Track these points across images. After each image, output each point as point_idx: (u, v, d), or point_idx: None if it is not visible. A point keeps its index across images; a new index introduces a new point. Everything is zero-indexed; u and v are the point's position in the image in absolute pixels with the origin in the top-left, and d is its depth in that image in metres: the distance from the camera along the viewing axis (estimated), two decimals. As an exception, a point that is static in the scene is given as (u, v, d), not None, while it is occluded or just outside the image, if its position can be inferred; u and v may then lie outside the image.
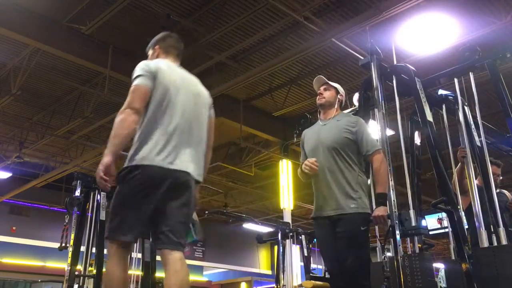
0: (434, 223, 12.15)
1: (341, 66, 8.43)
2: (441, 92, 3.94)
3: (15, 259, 13.33)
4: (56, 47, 7.43)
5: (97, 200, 5.40)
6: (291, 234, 6.66)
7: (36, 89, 9.32)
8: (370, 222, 2.85)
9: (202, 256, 17.20)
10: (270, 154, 11.32)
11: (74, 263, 5.13)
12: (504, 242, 3.09)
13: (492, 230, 3.21)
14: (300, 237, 6.63)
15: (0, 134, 11.38)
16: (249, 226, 14.86)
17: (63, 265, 5.68)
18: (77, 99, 9.65)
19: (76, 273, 5.21)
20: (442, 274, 5.51)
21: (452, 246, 3.90)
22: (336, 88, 3.22)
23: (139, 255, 5.41)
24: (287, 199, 10.04)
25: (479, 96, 3.57)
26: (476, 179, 3.67)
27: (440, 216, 11.99)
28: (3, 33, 7.03)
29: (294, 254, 7.20)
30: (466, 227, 3.41)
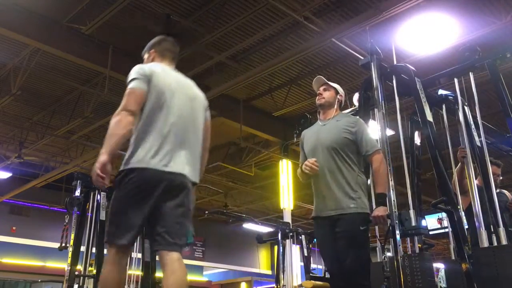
0: (434, 223, 12.15)
1: (341, 66, 8.43)
2: (441, 92, 3.94)
3: (15, 259, 13.33)
4: (56, 47, 7.43)
5: (97, 200, 5.41)
6: (291, 234, 6.66)
7: (36, 89, 9.32)
8: (370, 222, 2.85)
9: (202, 256, 17.20)
10: (270, 154, 11.32)
11: (74, 263, 5.14)
12: (504, 242, 3.09)
13: (492, 230, 3.21)
14: (300, 237, 6.63)
15: (0, 134, 11.38)
16: (249, 226, 14.86)
17: (63, 265, 5.68)
18: (77, 99, 9.65)
19: (76, 273, 5.21)
20: (442, 274, 5.51)
21: (452, 246, 3.90)
22: (335, 89, 3.22)
23: (139, 255, 5.42)
24: (287, 199, 10.04)
25: (479, 96, 3.57)
26: (476, 179, 3.66)
27: (440, 216, 11.99)
28: (3, 33, 7.03)
29: (294, 254, 7.20)
30: (466, 227, 3.41)
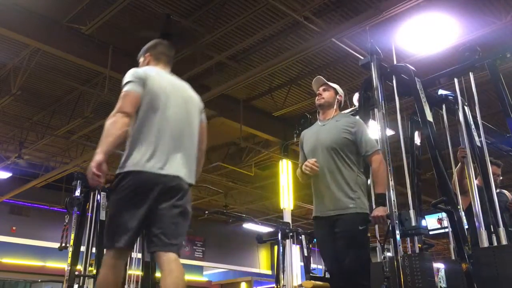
0: (434, 223, 12.15)
1: (341, 66, 8.43)
2: (441, 92, 3.94)
3: (15, 259, 13.33)
4: (56, 47, 7.43)
5: (97, 200, 5.40)
6: (291, 234, 6.66)
7: (36, 89, 9.32)
8: (369, 222, 2.85)
9: (202, 256, 17.19)
10: (270, 154, 11.32)
11: (74, 263, 5.13)
12: (504, 242, 3.09)
13: (492, 230, 3.21)
14: (300, 237, 6.62)
15: (0, 134, 11.38)
16: (249, 226, 14.86)
17: (63, 265, 5.68)
18: (77, 99, 9.66)
19: (76, 273, 5.21)
20: (442, 274, 5.51)
21: (452, 246, 3.90)
22: (335, 89, 3.22)
23: (139, 255, 5.42)
24: (287, 199, 10.04)
25: (479, 96, 3.57)
26: (476, 179, 3.66)
27: (440, 216, 12.00)
28: (3, 33, 7.03)
29: (294, 254, 7.19)
30: (466, 227, 3.41)
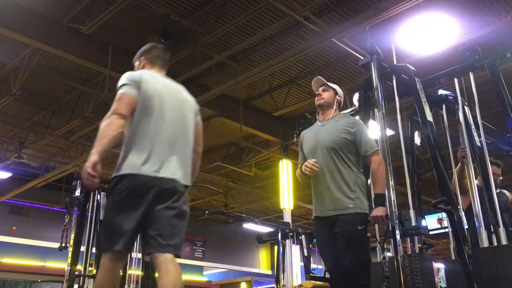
0: (434, 223, 12.15)
1: (341, 66, 8.43)
2: (441, 92, 3.94)
3: (15, 259, 13.33)
4: (56, 47, 7.43)
5: (97, 200, 5.41)
6: (291, 234, 6.66)
7: (36, 89, 9.32)
8: (368, 222, 2.85)
9: (202, 256, 17.19)
10: (270, 154, 11.32)
11: (74, 263, 5.14)
12: (504, 242, 3.09)
13: (492, 230, 3.21)
14: (300, 237, 6.63)
15: (0, 134, 11.38)
16: (249, 226, 14.86)
17: (63, 265, 5.69)
18: (77, 99, 9.65)
19: (76, 273, 5.22)
20: (442, 274, 5.51)
21: (452, 246, 3.90)
22: (334, 89, 3.22)
23: (139, 255, 5.42)
24: (287, 199, 10.04)
25: (479, 96, 3.57)
26: (476, 179, 3.66)
27: (440, 216, 11.99)
28: (3, 33, 7.03)
29: (294, 254, 7.20)
30: (466, 227, 3.41)
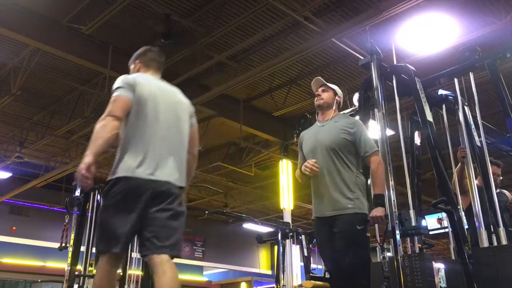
0: (434, 223, 12.15)
1: (341, 66, 8.43)
2: (441, 92, 3.94)
3: (15, 259, 13.33)
4: (56, 47, 7.43)
5: (97, 200, 5.41)
6: (291, 234, 6.65)
7: (36, 89, 9.32)
8: (368, 223, 2.85)
9: (202, 256, 17.19)
10: (270, 154, 11.32)
11: (74, 263, 5.14)
12: (504, 242, 3.08)
13: (492, 230, 3.20)
14: (300, 237, 6.62)
15: (0, 134, 11.38)
16: (249, 226, 14.86)
17: (63, 265, 5.69)
18: (77, 99, 9.66)
19: (76, 273, 5.22)
20: (442, 274, 5.51)
21: (452, 246, 3.90)
22: (334, 90, 3.22)
23: (139, 255, 5.41)
24: (287, 199, 10.04)
25: (479, 96, 3.57)
26: (476, 179, 3.66)
27: (440, 216, 11.99)
28: (3, 33, 7.03)
29: (294, 254, 7.19)
30: (466, 227, 3.41)
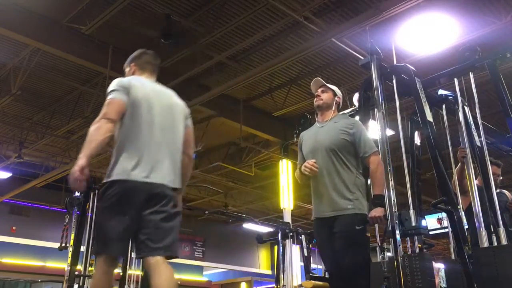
0: (434, 223, 12.15)
1: (341, 66, 8.43)
2: (441, 92, 3.94)
3: (15, 259, 13.33)
4: (56, 47, 7.43)
5: (97, 200, 5.40)
6: (291, 234, 6.65)
7: (36, 89, 9.32)
8: (367, 223, 2.86)
9: (202, 256, 17.19)
10: (270, 154, 11.32)
11: (74, 263, 5.14)
12: (504, 242, 3.08)
13: (492, 230, 3.20)
14: (300, 237, 6.62)
15: (0, 134, 11.38)
16: (249, 226, 14.85)
17: (63, 265, 5.69)
18: (77, 99, 9.66)
19: (76, 273, 5.21)
20: (442, 274, 5.50)
21: (452, 246, 3.90)
22: (333, 90, 3.22)
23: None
24: (287, 199, 10.04)
25: (479, 96, 3.57)
26: (476, 179, 3.66)
27: (440, 216, 11.99)
28: (3, 33, 7.03)
29: (294, 254, 7.19)
30: (466, 227, 3.41)
